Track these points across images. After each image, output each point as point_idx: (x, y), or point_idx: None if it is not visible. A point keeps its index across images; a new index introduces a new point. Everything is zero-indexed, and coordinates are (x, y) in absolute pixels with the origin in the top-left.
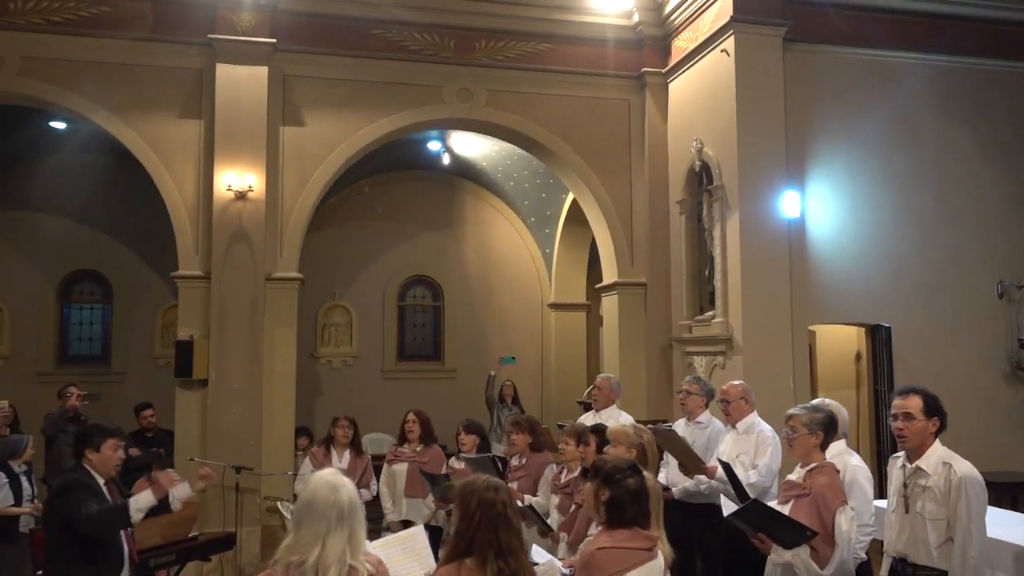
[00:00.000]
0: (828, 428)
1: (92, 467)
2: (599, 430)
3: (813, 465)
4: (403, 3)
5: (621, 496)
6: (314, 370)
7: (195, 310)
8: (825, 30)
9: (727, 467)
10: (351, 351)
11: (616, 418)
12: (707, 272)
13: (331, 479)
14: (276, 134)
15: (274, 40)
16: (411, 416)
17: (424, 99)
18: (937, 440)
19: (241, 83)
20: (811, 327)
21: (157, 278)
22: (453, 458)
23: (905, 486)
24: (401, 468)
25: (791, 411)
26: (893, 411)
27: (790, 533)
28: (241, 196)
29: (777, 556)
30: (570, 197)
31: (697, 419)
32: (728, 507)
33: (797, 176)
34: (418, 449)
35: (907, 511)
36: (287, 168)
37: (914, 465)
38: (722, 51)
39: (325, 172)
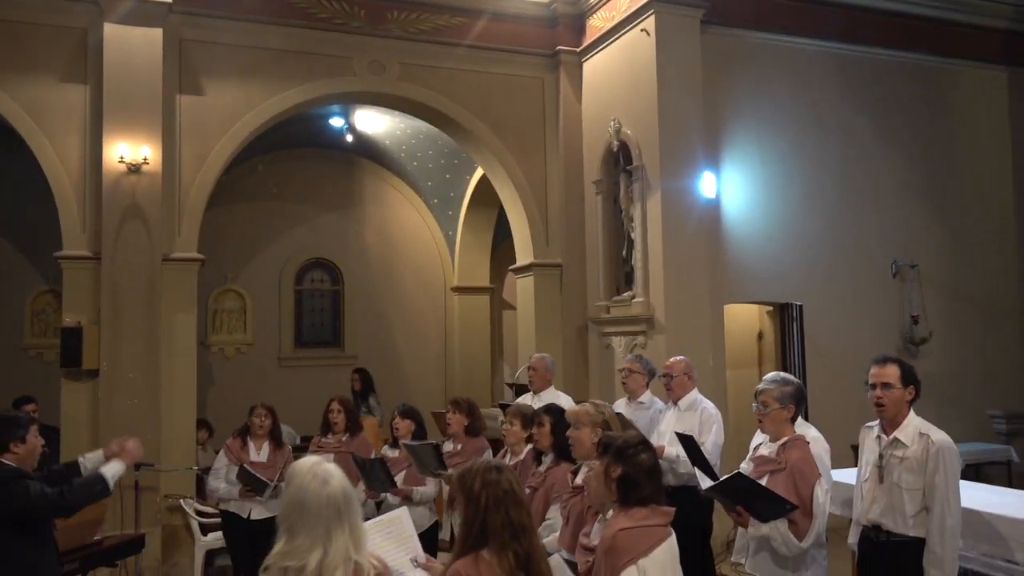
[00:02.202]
0: (799, 401)
1: (17, 461)
2: (552, 410)
3: (785, 439)
4: None
5: (636, 473)
6: (205, 359)
7: (83, 294)
8: (739, 15)
9: (690, 440)
10: (245, 338)
11: (556, 399)
12: (624, 252)
13: (316, 469)
14: (172, 103)
15: (169, 0)
16: (335, 405)
17: (334, 70)
18: (912, 410)
19: (132, 45)
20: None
21: (24, 260)
22: (385, 446)
23: (881, 457)
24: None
25: (761, 386)
26: (871, 380)
27: (769, 506)
28: (135, 169)
29: (754, 529)
30: (475, 178)
31: (639, 399)
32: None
33: (713, 157)
34: (344, 439)
35: (881, 481)
36: (185, 140)
37: (891, 436)
38: (642, 31)
39: (227, 145)
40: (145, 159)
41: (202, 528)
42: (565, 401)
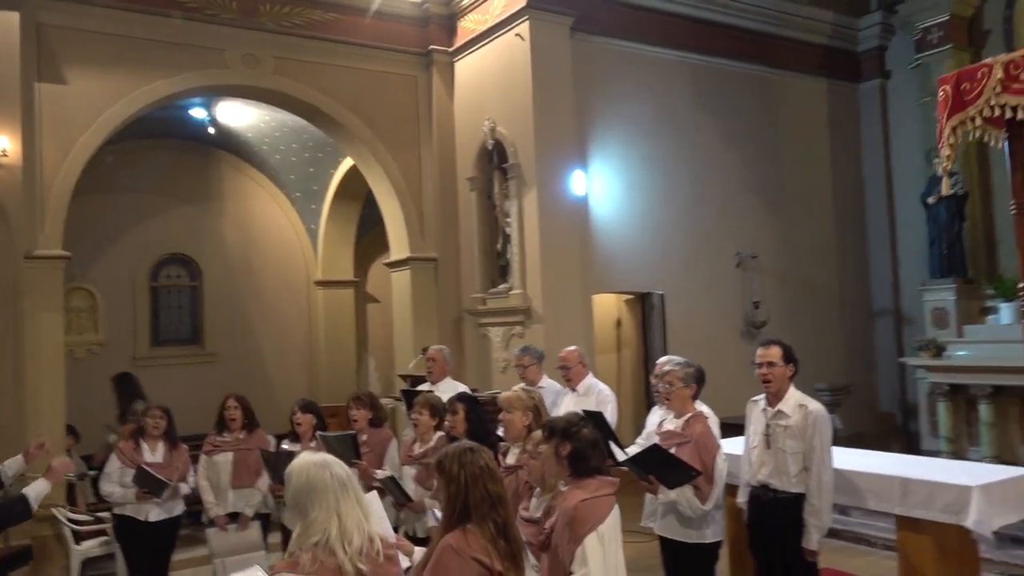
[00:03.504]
0: (700, 380)
1: None
2: (464, 398)
3: (689, 415)
4: None
5: (582, 447)
6: None
7: None
8: (603, 24)
9: (599, 416)
10: (97, 338)
11: (453, 389)
12: (499, 246)
13: (313, 459)
14: (31, 92)
15: None
16: (231, 402)
17: (206, 62)
18: (792, 384)
19: None
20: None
21: None
22: (285, 441)
23: (768, 426)
24: (224, 459)
25: (666, 368)
26: (758, 360)
27: (678, 474)
28: None
29: (663, 496)
30: (339, 172)
31: (540, 385)
32: None
33: (581, 157)
34: (241, 436)
35: (768, 447)
36: (46, 131)
37: (776, 408)
38: (516, 35)
39: (93, 138)
40: (4, 151)
41: (76, 536)
42: (462, 390)
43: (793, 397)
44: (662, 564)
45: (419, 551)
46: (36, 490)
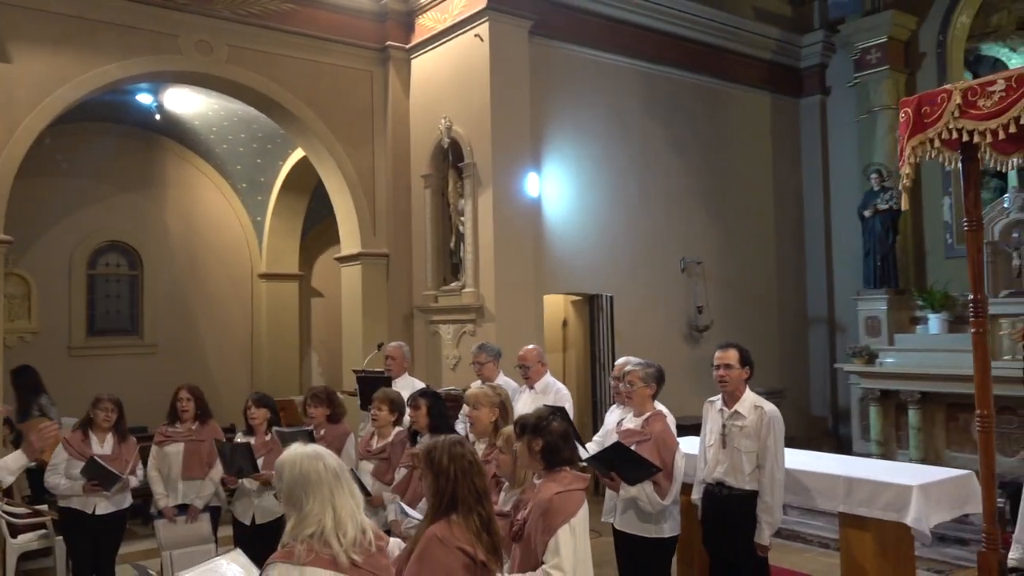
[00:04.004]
0: (660, 380)
1: None
2: (427, 393)
3: (648, 414)
4: None
5: (554, 440)
6: None
7: None
8: (560, 29)
9: (563, 411)
10: (30, 326)
11: (412, 385)
12: (452, 244)
13: (304, 450)
14: None
15: None
16: (184, 393)
17: (158, 47)
18: (747, 386)
19: None
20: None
21: None
22: (239, 434)
23: (724, 426)
24: (176, 449)
25: (627, 368)
26: (716, 362)
27: (638, 471)
28: None
29: (624, 492)
30: (287, 165)
31: (495, 382)
32: None
33: (535, 159)
34: (193, 427)
35: (724, 446)
36: None
37: (732, 409)
38: (475, 35)
39: (38, 119)
40: None
41: (12, 530)
42: (421, 385)
43: (749, 399)
44: (616, 559)
45: (395, 541)
46: (9, 465)
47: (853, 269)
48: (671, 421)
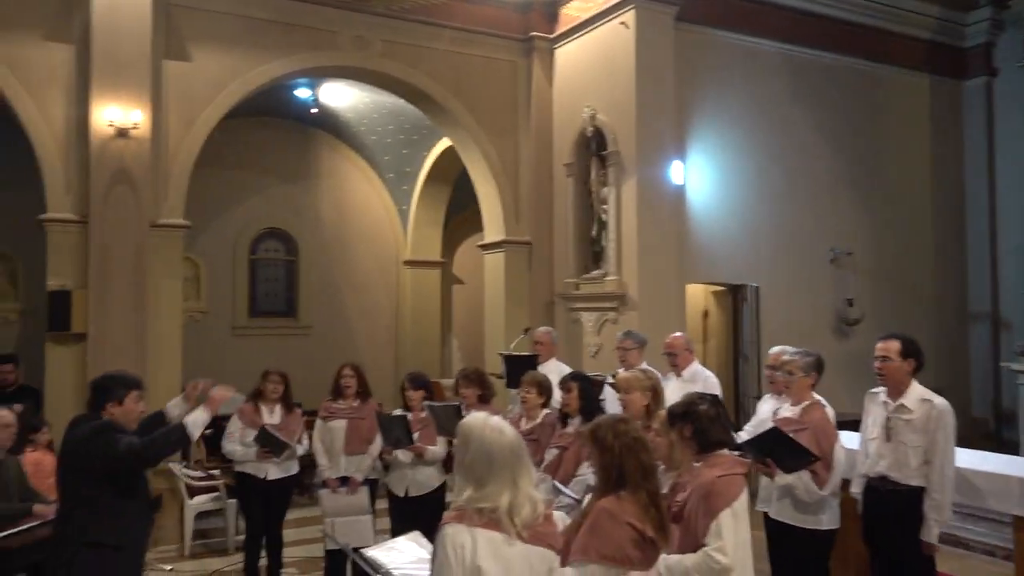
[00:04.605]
0: (819, 370)
1: (112, 420)
2: (578, 376)
3: (807, 403)
4: None
5: (703, 424)
6: None
7: (67, 258)
8: (704, 14)
9: (716, 399)
10: (200, 306)
11: (559, 369)
12: (594, 232)
13: (491, 423)
14: (158, 68)
15: None
16: (347, 371)
17: (318, 43)
18: (914, 379)
19: (122, 7)
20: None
21: None
22: (398, 410)
23: (888, 419)
24: (339, 425)
25: (785, 357)
26: (876, 354)
27: (796, 459)
28: (123, 134)
29: (780, 479)
30: (433, 154)
31: (642, 367)
32: None
33: (680, 146)
34: (355, 404)
35: (888, 439)
36: (171, 106)
37: (898, 402)
38: (621, 23)
39: (213, 112)
40: (135, 124)
41: (189, 491)
42: (567, 370)
43: (915, 391)
44: (768, 551)
45: (559, 514)
46: (195, 418)
47: (1020, 262)
48: (830, 412)
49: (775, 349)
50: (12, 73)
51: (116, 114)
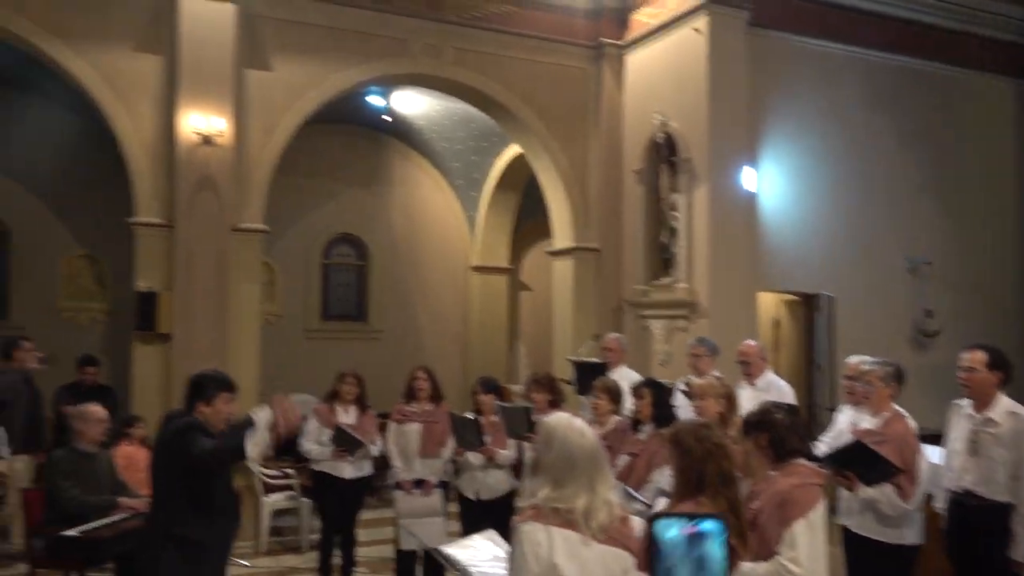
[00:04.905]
0: (900, 380)
1: (202, 420)
2: (650, 383)
3: (887, 414)
4: None
5: (779, 432)
6: None
7: (154, 260)
8: (776, 18)
9: (793, 408)
10: (274, 308)
11: (629, 376)
12: (664, 239)
13: (573, 424)
14: (241, 77)
15: None
16: (420, 373)
17: (392, 51)
18: (1002, 392)
19: (208, 19)
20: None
21: (59, 224)
22: (468, 413)
23: (974, 432)
24: (413, 428)
25: (864, 367)
26: (961, 364)
27: (878, 471)
28: (208, 141)
29: (861, 492)
30: (501, 162)
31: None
32: None
33: (752, 152)
34: (428, 407)
35: (974, 453)
36: (252, 113)
37: (984, 415)
38: (693, 29)
39: (292, 119)
40: (220, 132)
41: (266, 488)
42: (636, 377)
43: (1003, 404)
44: (846, 566)
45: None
46: (261, 414)
47: None
48: (912, 424)
49: (853, 359)
50: (106, 83)
51: (201, 122)
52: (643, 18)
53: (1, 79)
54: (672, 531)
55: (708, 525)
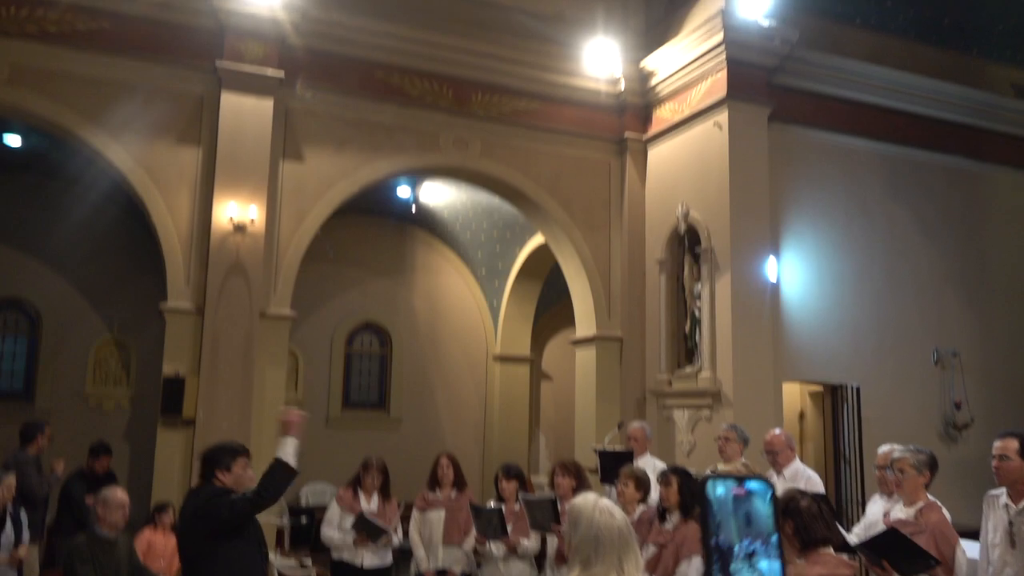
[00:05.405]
0: (933, 468)
1: (223, 487)
2: (678, 471)
3: (922, 504)
4: (406, 50)
5: (803, 520)
6: None
7: (182, 345)
8: (798, 113)
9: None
10: (296, 396)
11: (653, 465)
12: (687, 329)
13: (600, 504)
14: (276, 167)
15: (283, 73)
16: (444, 460)
17: (421, 144)
18: None
19: (246, 113)
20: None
21: (90, 309)
22: (490, 501)
23: (1011, 524)
24: (437, 515)
25: (896, 455)
26: (994, 452)
27: (914, 562)
28: (240, 229)
29: None
30: (525, 251)
31: (742, 461)
32: None
33: (773, 243)
34: (452, 495)
35: (1013, 546)
36: (285, 203)
37: (1021, 505)
38: (714, 124)
39: (323, 209)
40: (252, 220)
41: None
42: (661, 466)
43: None
44: None
45: None
46: (286, 450)
47: None
48: (947, 515)
49: (884, 447)
50: (148, 175)
51: (235, 210)
52: (665, 114)
53: (37, 166)
54: (720, 490)
55: (754, 485)
